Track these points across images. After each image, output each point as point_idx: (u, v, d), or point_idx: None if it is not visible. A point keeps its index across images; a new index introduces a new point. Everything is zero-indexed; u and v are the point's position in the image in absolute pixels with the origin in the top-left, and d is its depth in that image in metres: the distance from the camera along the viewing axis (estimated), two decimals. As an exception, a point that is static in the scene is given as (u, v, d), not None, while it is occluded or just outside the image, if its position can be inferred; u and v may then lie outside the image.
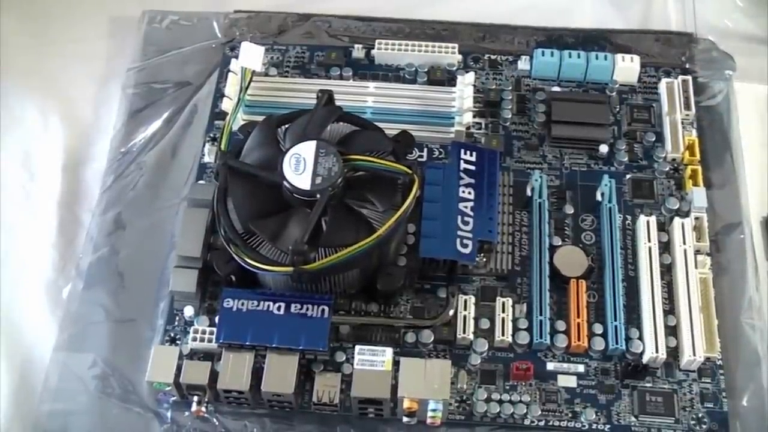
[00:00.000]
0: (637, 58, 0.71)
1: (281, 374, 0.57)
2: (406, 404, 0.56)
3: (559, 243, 0.64)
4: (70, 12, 0.78)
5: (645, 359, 0.59)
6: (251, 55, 0.68)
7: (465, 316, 0.61)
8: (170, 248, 0.65)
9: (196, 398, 0.58)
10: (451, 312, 0.61)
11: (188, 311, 0.62)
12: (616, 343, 0.60)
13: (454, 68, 0.72)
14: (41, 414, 0.60)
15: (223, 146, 0.62)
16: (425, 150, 0.68)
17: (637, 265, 0.63)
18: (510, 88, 0.72)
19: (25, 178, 0.70)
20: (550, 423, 0.58)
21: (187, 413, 0.59)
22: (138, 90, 0.73)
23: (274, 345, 0.57)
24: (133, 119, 0.72)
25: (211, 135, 0.69)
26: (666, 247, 0.64)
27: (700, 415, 0.58)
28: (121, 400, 0.60)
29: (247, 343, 0.57)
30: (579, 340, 0.60)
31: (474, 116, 0.69)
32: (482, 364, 0.60)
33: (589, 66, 0.71)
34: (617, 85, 0.71)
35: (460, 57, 0.72)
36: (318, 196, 0.57)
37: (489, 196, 0.62)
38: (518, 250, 0.64)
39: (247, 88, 0.67)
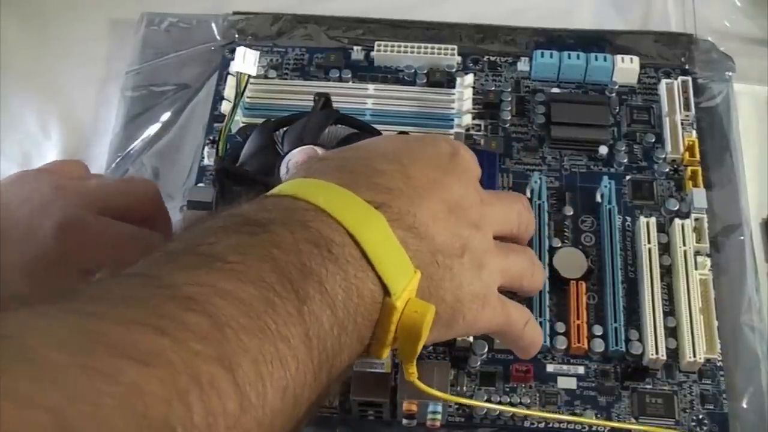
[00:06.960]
0: (636, 59, 0.71)
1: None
2: (405, 407, 0.56)
3: (559, 245, 0.64)
4: (69, 14, 0.78)
5: (645, 361, 0.59)
6: (246, 60, 0.68)
7: (464, 319, 0.60)
8: (169, 251, 0.64)
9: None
10: (451, 314, 0.61)
11: (187, 314, 0.61)
12: (616, 345, 0.60)
13: (453, 70, 0.72)
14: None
15: (220, 151, 0.62)
16: (424, 152, 0.68)
17: (637, 266, 0.63)
18: (509, 89, 0.71)
19: (23, 180, 0.70)
20: (550, 425, 0.58)
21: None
22: (137, 92, 0.73)
23: (273, 348, 0.57)
24: (131, 122, 0.71)
25: (211, 138, 0.69)
26: (666, 249, 0.63)
27: (700, 416, 0.58)
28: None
29: (246, 346, 0.57)
30: (579, 341, 0.60)
31: (473, 118, 0.69)
32: (482, 366, 0.60)
33: (589, 67, 0.71)
34: (617, 86, 0.71)
35: (459, 58, 0.72)
36: (316, 199, 0.56)
37: (488, 198, 0.62)
38: (518, 252, 0.64)
39: (243, 93, 0.67)
